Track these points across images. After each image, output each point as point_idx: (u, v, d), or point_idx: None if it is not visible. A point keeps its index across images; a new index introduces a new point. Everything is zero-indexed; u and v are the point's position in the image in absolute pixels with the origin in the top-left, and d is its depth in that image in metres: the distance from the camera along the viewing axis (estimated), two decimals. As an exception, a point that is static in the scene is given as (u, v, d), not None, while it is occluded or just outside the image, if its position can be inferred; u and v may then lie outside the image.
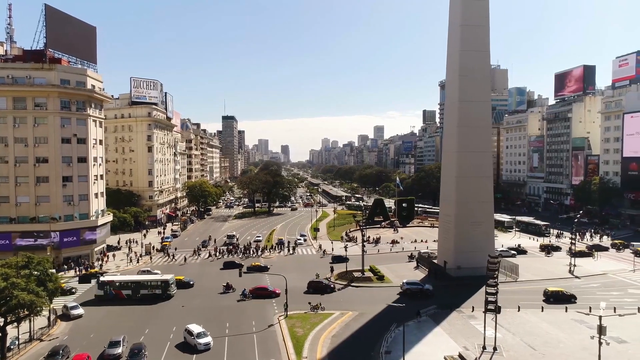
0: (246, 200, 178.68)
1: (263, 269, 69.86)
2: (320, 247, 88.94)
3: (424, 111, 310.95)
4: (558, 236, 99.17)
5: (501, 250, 78.42)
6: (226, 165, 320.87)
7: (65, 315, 50.36)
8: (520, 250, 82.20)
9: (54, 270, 59.57)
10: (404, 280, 60.10)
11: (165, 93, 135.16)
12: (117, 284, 57.74)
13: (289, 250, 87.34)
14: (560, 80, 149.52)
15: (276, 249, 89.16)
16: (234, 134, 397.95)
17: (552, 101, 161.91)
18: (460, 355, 38.64)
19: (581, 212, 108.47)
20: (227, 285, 60.25)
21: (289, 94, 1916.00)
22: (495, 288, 39.96)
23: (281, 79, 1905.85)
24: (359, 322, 48.10)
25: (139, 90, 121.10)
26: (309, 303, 52.30)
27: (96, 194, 78.63)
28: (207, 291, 60.37)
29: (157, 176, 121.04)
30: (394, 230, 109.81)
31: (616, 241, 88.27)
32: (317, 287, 59.14)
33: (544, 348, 40.34)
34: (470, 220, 64.45)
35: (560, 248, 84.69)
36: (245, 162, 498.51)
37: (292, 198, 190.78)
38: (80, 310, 50.98)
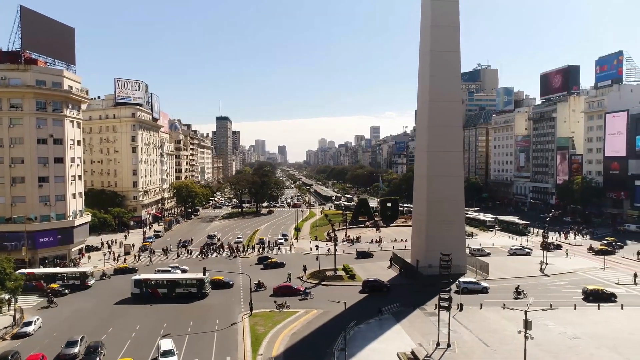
0: (236, 200, 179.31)
1: (279, 265, 72.40)
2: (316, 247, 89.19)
3: (416, 111, 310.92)
4: (544, 235, 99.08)
5: (475, 249, 78.94)
6: (219, 165, 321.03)
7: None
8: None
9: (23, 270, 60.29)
10: (366, 277, 61.06)
11: (151, 94, 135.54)
12: (152, 282, 57.91)
13: (269, 249, 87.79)
14: (546, 80, 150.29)
15: (256, 249, 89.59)
16: (228, 134, 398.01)
17: (538, 101, 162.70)
18: (412, 352, 39.10)
19: (553, 210, 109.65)
20: (259, 284, 60.89)
21: (288, 95, 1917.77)
22: (449, 286, 40.44)
23: (280, 79, 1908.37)
24: (321, 320, 48.56)
25: (123, 91, 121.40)
26: (275, 302, 52.80)
27: (74, 195, 78.92)
28: (243, 289, 60.33)
29: (141, 177, 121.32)
30: (377, 229, 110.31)
31: (607, 240, 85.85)
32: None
33: (497, 345, 40.85)
34: (441, 219, 64.89)
35: (531, 250, 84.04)
36: (240, 162, 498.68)
37: (282, 198, 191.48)
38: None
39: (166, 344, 39.08)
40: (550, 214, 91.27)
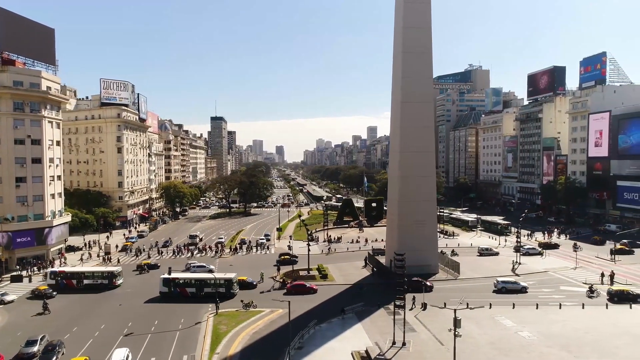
0: (224, 200, 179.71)
1: (293, 262, 72.67)
2: (289, 247, 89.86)
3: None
4: (529, 235, 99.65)
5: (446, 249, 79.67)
6: (213, 166, 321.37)
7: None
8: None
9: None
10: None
11: (138, 94, 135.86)
12: (181, 281, 58.04)
13: (249, 250, 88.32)
14: (533, 81, 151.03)
15: (238, 249, 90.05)
16: (223, 134, 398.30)
17: (526, 102, 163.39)
18: (366, 351, 39.58)
19: (526, 210, 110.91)
20: (284, 282, 61.63)
21: (288, 95, 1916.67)
22: (404, 286, 40.95)
23: (280, 79, 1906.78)
24: (285, 319, 48.67)
25: (108, 92, 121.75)
26: (242, 301, 53.21)
27: (52, 195, 79.21)
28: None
29: (127, 177, 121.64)
30: (360, 230, 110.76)
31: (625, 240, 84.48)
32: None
33: (452, 343, 41.21)
34: (413, 219, 65.37)
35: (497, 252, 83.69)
36: (236, 162, 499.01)
37: (274, 198, 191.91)
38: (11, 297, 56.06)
39: (119, 355, 37.75)
40: (524, 215, 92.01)
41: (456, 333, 34.19)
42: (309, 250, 70.47)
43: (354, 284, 62.49)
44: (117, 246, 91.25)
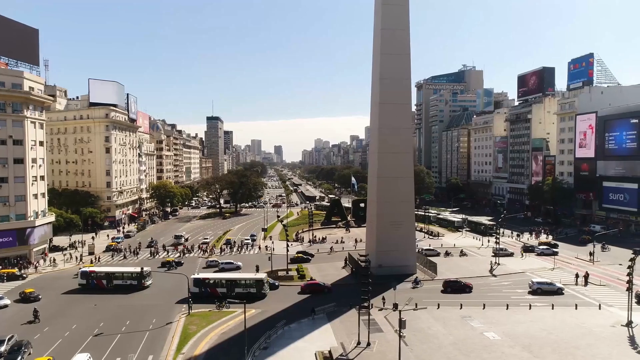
0: (221, 200, 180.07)
1: (306, 260, 75.89)
2: (266, 247, 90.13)
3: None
4: (497, 236, 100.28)
5: (426, 249, 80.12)
6: (209, 166, 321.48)
7: None
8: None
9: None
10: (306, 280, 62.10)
11: (127, 94, 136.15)
12: (212, 281, 58.19)
13: (233, 250, 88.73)
14: (522, 81, 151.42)
15: (224, 249, 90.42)
16: (219, 134, 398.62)
17: (516, 103, 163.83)
18: (329, 351, 39.90)
19: (505, 212, 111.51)
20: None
21: (286, 95, 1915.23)
22: (368, 287, 41.32)
23: (279, 79, 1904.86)
24: (256, 319, 49.26)
25: (97, 92, 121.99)
26: (215, 301, 53.51)
27: (35, 195, 79.41)
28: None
29: (115, 177, 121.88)
30: (347, 230, 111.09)
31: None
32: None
33: (417, 344, 41.62)
34: (391, 219, 65.68)
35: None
36: (233, 162, 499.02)
37: (267, 198, 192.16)
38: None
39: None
40: (502, 216, 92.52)
41: (401, 334, 34.58)
42: (287, 250, 70.77)
43: (332, 285, 62.76)
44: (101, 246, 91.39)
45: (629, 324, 44.52)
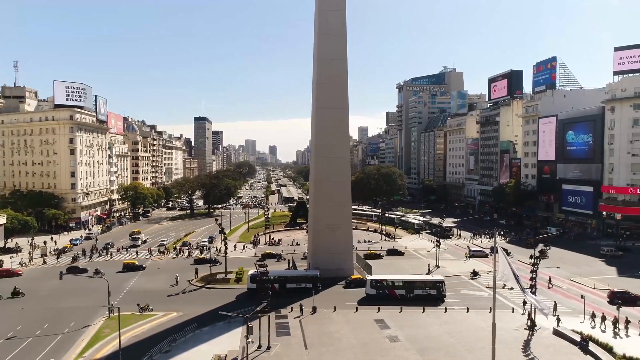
0: (200, 202, 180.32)
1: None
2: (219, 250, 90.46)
3: (387, 113, 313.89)
4: (437, 238, 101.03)
5: (365, 253, 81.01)
6: (194, 166, 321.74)
7: None
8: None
9: None
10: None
11: (96, 96, 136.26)
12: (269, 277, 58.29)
13: (189, 253, 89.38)
14: (492, 84, 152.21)
15: (181, 251, 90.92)
16: (207, 135, 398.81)
17: (487, 105, 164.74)
18: (225, 355, 40.43)
19: (444, 215, 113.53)
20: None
21: (286, 95, 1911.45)
22: (267, 291, 41.89)
23: (277, 78, 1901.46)
24: (173, 322, 49.70)
25: (62, 94, 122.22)
26: (138, 304, 53.86)
27: (-16, 197, 79.76)
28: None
29: (81, 178, 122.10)
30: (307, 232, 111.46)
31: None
32: None
33: (317, 347, 42.16)
34: (328, 223, 66.26)
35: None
36: (223, 163, 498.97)
37: (246, 199, 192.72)
38: None
39: None
40: (443, 216, 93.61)
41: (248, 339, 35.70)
42: (225, 252, 71.27)
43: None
44: (56, 248, 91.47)
45: (531, 327, 45.11)
